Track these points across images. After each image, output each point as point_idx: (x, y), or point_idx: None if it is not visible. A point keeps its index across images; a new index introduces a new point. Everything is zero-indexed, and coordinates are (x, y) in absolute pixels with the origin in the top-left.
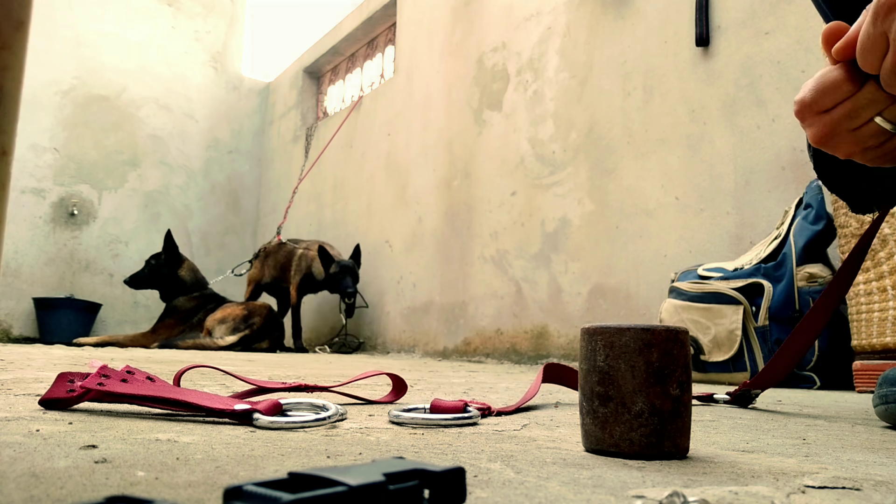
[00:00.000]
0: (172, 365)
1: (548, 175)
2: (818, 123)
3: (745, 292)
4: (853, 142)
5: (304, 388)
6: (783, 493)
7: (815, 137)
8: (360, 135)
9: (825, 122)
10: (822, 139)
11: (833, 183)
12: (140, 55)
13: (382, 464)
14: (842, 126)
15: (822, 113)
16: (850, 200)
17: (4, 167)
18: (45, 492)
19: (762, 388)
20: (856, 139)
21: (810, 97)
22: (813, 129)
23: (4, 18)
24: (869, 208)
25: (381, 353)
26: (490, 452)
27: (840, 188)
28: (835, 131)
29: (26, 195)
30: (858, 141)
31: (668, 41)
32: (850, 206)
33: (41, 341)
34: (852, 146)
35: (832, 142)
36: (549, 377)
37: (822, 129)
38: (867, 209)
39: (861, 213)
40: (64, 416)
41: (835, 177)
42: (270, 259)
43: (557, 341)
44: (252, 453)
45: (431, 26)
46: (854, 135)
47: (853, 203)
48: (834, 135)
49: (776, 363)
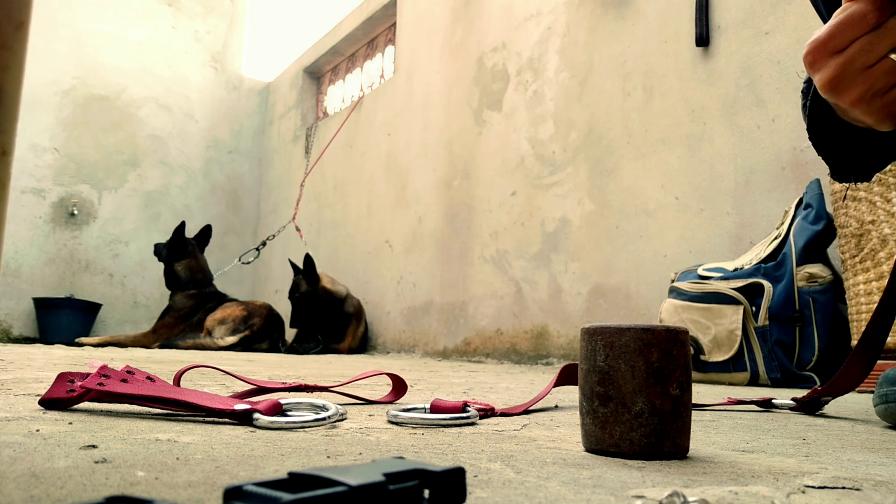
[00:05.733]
0: (172, 365)
1: (548, 175)
2: (831, 64)
3: (745, 292)
4: (863, 83)
5: (304, 388)
6: (783, 493)
7: (825, 80)
8: (360, 135)
9: (838, 62)
10: (833, 82)
11: (822, 144)
12: (140, 55)
13: (382, 464)
14: (855, 64)
15: (835, 53)
16: (833, 165)
17: (4, 167)
18: (45, 492)
19: (834, 395)
20: (867, 80)
21: (827, 34)
22: (824, 72)
23: (4, 18)
24: (848, 178)
25: (381, 353)
26: (490, 452)
27: (828, 151)
28: (847, 71)
29: (26, 195)
30: (869, 82)
31: (668, 41)
32: (831, 170)
33: (41, 341)
34: (862, 88)
35: (842, 84)
36: (566, 379)
37: (834, 69)
38: (847, 178)
39: (840, 181)
40: (64, 416)
41: (826, 138)
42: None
43: (557, 341)
44: (252, 453)
45: (431, 26)
46: (865, 74)
47: (835, 169)
48: (845, 76)
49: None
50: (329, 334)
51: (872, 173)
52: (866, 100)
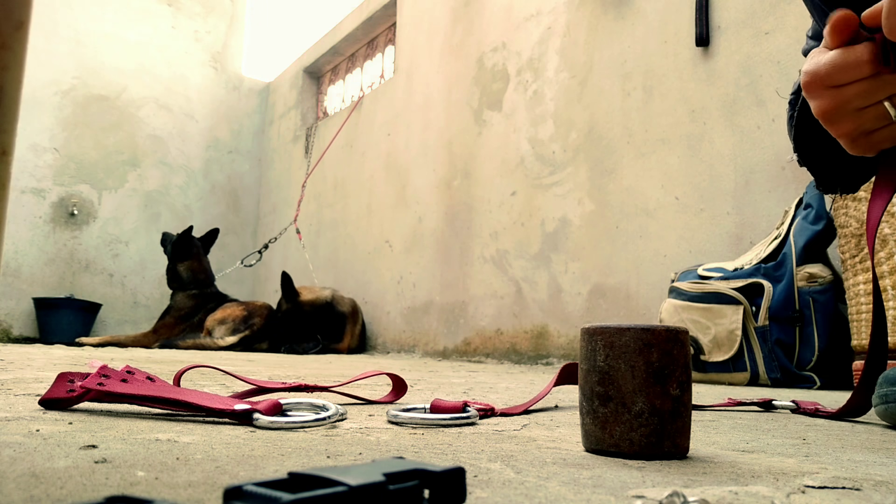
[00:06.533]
0: (172, 365)
1: (548, 175)
2: (827, 97)
3: (745, 292)
4: (854, 121)
5: (304, 388)
6: (783, 493)
7: (820, 110)
8: (360, 135)
9: (835, 96)
10: (827, 114)
11: (808, 155)
12: (140, 55)
13: (382, 464)
14: (851, 104)
15: (832, 87)
16: (818, 177)
17: (4, 167)
18: (45, 492)
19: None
20: (858, 119)
21: (826, 71)
22: (820, 102)
23: (4, 18)
24: (834, 189)
25: (381, 353)
26: (490, 452)
27: (813, 162)
28: (842, 108)
29: (26, 195)
30: (860, 122)
31: (668, 41)
32: (816, 181)
33: (41, 341)
34: (852, 126)
35: (835, 118)
36: (566, 378)
37: (830, 102)
38: (833, 189)
39: (826, 191)
40: (64, 416)
41: (811, 150)
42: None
43: (557, 341)
44: (252, 453)
45: (431, 26)
46: (858, 115)
47: (820, 180)
48: (839, 111)
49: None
50: (327, 335)
51: (858, 185)
52: (853, 136)
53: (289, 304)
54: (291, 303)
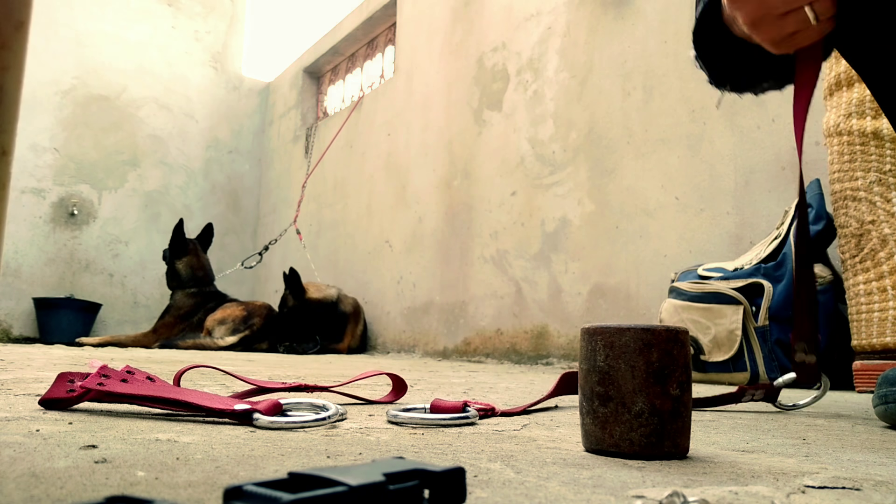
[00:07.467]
0: (172, 365)
1: (548, 175)
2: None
3: (745, 292)
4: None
5: (304, 388)
6: (783, 493)
7: (748, 18)
8: (360, 135)
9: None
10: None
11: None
12: (140, 55)
13: (382, 464)
14: (776, 10)
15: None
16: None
17: (4, 167)
18: (45, 492)
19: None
20: (780, 25)
21: None
22: (746, 10)
23: (4, 18)
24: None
25: (381, 353)
26: (490, 452)
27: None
28: (767, 15)
29: (26, 195)
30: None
31: (668, 41)
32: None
33: (41, 341)
34: (776, 30)
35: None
36: (565, 388)
37: (756, 9)
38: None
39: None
40: (64, 416)
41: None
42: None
43: (557, 341)
44: (252, 453)
45: (431, 26)
46: (781, 19)
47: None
48: (764, 18)
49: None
50: (327, 335)
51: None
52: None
53: (295, 301)
54: (298, 300)
